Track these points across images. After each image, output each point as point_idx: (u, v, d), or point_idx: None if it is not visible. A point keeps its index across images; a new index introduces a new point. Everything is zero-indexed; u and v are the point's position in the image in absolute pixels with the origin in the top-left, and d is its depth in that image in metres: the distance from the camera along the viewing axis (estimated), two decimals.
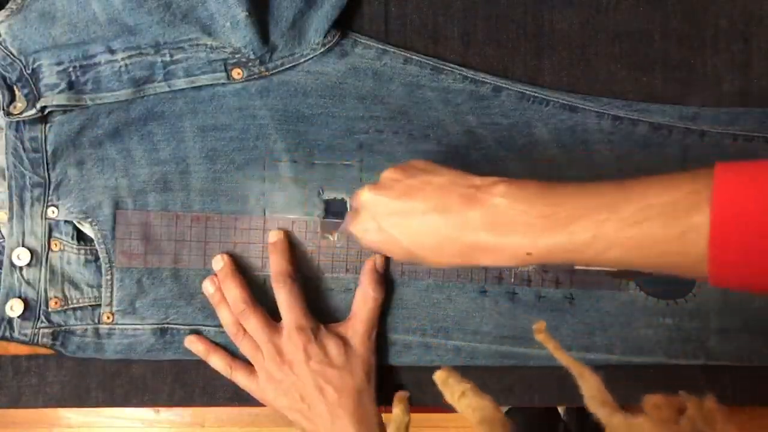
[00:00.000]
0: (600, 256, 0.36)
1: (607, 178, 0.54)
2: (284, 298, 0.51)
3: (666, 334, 0.55)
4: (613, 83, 0.55)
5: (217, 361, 0.53)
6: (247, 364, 0.52)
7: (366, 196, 0.44)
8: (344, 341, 0.51)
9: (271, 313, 0.52)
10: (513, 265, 0.39)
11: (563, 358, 0.39)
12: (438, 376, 0.40)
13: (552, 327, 0.55)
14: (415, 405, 0.54)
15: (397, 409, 0.48)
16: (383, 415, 0.52)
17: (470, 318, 0.55)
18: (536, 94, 0.54)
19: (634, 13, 0.55)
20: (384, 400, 0.53)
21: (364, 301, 0.52)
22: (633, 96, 0.55)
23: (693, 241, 0.33)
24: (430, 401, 0.56)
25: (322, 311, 0.54)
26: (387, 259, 0.54)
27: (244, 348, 0.52)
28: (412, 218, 0.42)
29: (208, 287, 0.53)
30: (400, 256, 0.44)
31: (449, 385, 0.39)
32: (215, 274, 0.53)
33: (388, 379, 0.54)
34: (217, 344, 0.53)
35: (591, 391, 0.35)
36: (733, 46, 0.55)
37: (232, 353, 0.53)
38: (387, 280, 0.54)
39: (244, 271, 0.53)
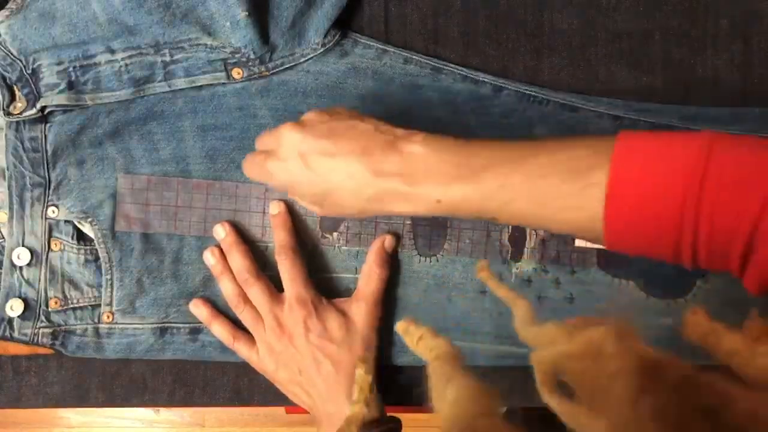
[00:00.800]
0: (505, 207, 0.38)
1: None
2: (287, 270, 0.51)
3: (666, 334, 0.55)
4: (613, 83, 0.55)
5: (220, 329, 0.53)
6: (248, 335, 0.52)
7: (287, 134, 0.43)
8: (345, 316, 0.51)
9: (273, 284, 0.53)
10: (423, 213, 0.40)
11: (501, 292, 0.41)
12: (399, 326, 0.41)
13: None
14: (414, 405, 0.54)
15: (360, 369, 0.48)
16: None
17: (470, 318, 0.55)
18: (536, 94, 0.54)
19: (634, 13, 0.55)
20: (387, 400, 0.53)
21: (369, 278, 0.52)
22: (633, 96, 0.55)
23: (592, 196, 0.35)
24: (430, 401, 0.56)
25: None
26: (396, 240, 0.54)
27: (246, 319, 0.52)
28: (334, 160, 0.42)
29: (209, 258, 0.53)
30: (311, 197, 0.44)
31: (409, 333, 0.40)
32: (216, 245, 0.53)
33: (388, 379, 0.54)
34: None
35: (521, 316, 0.37)
36: (733, 46, 0.55)
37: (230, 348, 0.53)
38: (395, 258, 0.54)
39: (244, 240, 0.53)
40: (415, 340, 0.39)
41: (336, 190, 0.42)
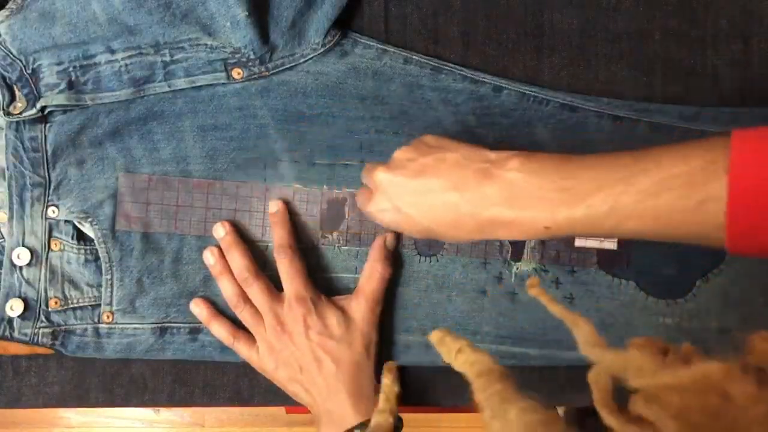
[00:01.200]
0: (618, 228, 0.37)
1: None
2: (286, 268, 0.51)
3: (666, 334, 0.55)
4: (613, 83, 0.55)
5: (219, 329, 0.53)
6: (248, 334, 0.52)
7: (381, 177, 0.44)
8: (345, 313, 0.51)
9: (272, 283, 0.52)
10: (531, 238, 0.40)
11: (557, 310, 0.39)
12: (434, 336, 0.40)
13: (552, 327, 0.55)
14: (415, 405, 0.54)
15: (387, 379, 0.48)
16: None
17: (470, 318, 0.55)
18: (536, 94, 0.54)
19: (634, 13, 0.55)
20: None
21: (370, 275, 0.52)
22: (633, 96, 0.55)
23: (711, 210, 0.34)
24: (431, 401, 0.56)
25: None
26: (398, 237, 0.54)
27: (245, 318, 0.52)
28: (430, 197, 0.42)
29: (208, 258, 0.53)
30: (418, 233, 0.45)
31: (446, 344, 0.38)
32: (215, 245, 0.53)
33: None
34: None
35: (584, 336, 0.36)
36: (733, 46, 0.55)
37: (230, 348, 0.53)
38: (396, 257, 0.54)
39: (244, 239, 0.53)
40: (453, 353, 0.38)
41: (437, 227, 0.42)
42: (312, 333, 0.50)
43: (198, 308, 0.53)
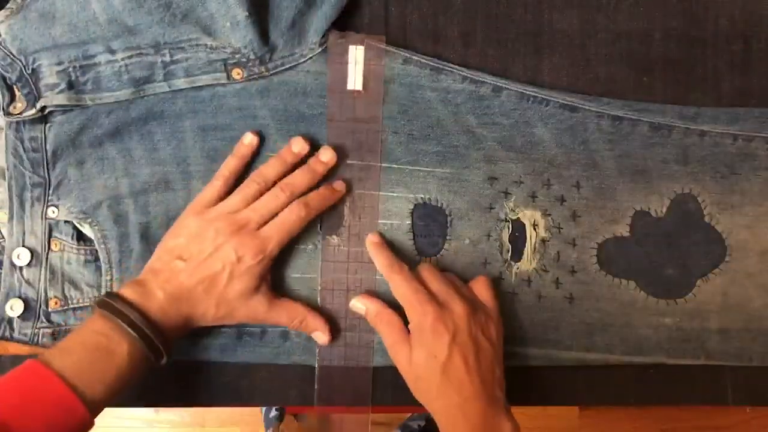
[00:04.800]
0: None
1: (607, 178, 0.54)
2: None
3: (666, 334, 0.55)
4: (613, 83, 0.55)
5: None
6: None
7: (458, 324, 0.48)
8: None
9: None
10: None
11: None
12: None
13: (552, 327, 0.55)
14: (415, 405, 0.54)
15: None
16: (381, 416, 0.52)
17: None
18: (536, 94, 0.54)
19: (634, 13, 0.55)
20: (383, 400, 0.54)
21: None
22: (633, 96, 0.55)
23: None
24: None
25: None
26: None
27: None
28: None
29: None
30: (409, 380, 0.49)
31: None
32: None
33: (389, 379, 0.54)
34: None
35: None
36: (733, 46, 0.55)
37: (230, 348, 0.53)
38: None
39: None
40: None
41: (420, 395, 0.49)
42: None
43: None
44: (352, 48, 0.52)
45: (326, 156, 0.52)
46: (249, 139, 0.52)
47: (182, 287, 0.47)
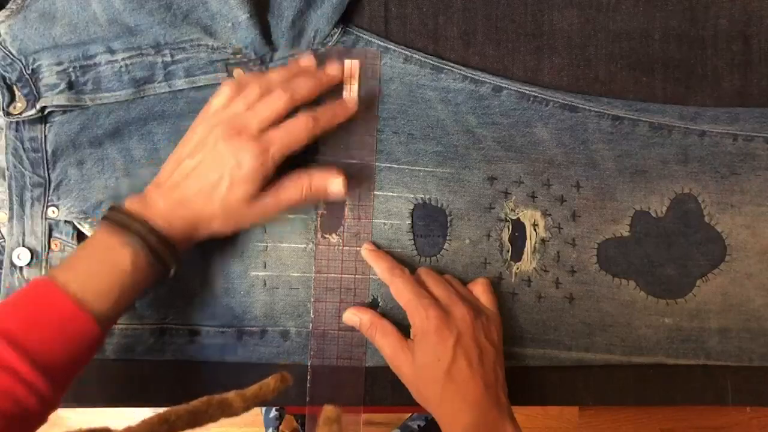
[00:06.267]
0: None
1: (607, 178, 0.54)
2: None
3: (666, 334, 0.55)
4: (613, 83, 0.55)
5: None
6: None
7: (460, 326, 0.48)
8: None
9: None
10: None
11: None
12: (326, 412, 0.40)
13: (552, 327, 0.55)
14: (414, 405, 0.54)
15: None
16: (381, 416, 0.52)
17: None
18: (536, 94, 0.54)
19: (634, 13, 0.55)
20: (382, 400, 0.54)
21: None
22: (633, 96, 0.55)
23: None
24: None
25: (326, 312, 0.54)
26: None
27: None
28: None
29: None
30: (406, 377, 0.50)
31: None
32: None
33: (387, 379, 0.54)
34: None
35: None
36: (733, 46, 0.55)
37: (230, 348, 0.53)
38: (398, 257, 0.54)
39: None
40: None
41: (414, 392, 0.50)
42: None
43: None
44: (347, 62, 0.52)
45: (333, 70, 0.50)
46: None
47: (182, 195, 0.46)
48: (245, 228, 0.49)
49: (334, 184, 0.49)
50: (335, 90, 0.52)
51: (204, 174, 0.46)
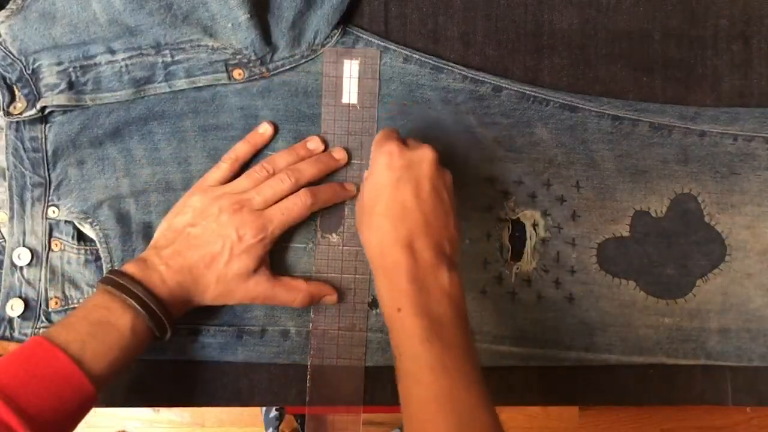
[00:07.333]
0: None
1: (607, 178, 0.54)
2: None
3: (666, 334, 0.55)
4: (613, 83, 0.55)
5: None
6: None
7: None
8: None
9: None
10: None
11: None
12: None
13: (552, 327, 0.55)
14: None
15: None
16: (381, 416, 0.52)
17: (470, 318, 0.54)
18: (536, 94, 0.54)
19: (634, 13, 0.55)
20: (382, 400, 0.54)
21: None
22: (633, 96, 0.55)
23: None
24: None
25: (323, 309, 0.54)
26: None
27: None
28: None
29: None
30: (364, 208, 0.47)
31: None
32: None
33: (387, 378, 0.54)
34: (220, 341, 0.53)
35: None
36: (733, 46, 0.55)
37: (230, 348, 0.53)
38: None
39: None
40: None
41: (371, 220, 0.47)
42: None
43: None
44: (347, 62, 0.52)
45: (339, 154, 0.53)
46: (264, 129, 0.52)
47: (184, 263, 0.47)
48: (230, 303, 0.50)
49: (329, 300, 0.53)
50: (335, 90, 0.52)
51: (207, 243, 0.47)
